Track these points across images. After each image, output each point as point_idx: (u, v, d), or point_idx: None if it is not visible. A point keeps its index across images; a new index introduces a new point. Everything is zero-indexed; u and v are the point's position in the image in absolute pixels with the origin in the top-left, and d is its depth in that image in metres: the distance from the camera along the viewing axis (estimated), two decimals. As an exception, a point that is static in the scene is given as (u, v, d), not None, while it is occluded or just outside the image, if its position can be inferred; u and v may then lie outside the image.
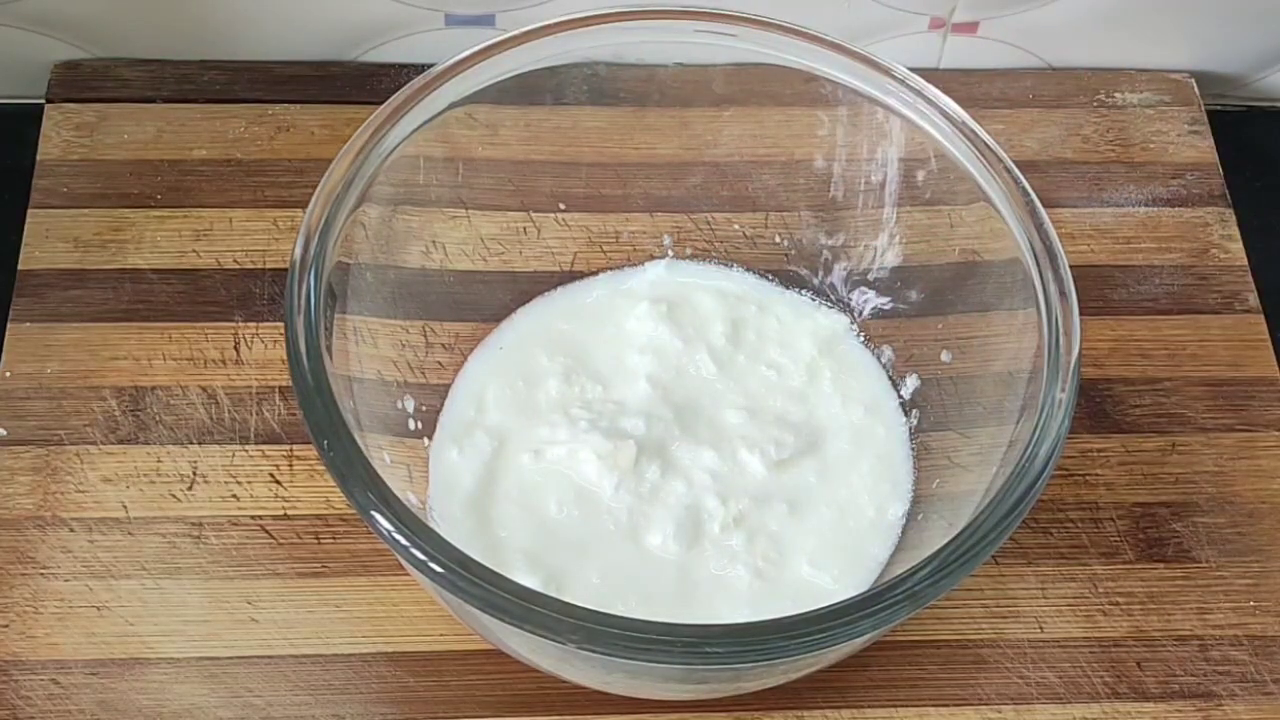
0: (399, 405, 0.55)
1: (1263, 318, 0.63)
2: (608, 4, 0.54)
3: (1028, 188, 0.51)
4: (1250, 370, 0.61)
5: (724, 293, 0.60)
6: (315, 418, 0.46)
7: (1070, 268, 0.50)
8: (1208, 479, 0.59)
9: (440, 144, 0.54)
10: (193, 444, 0.57)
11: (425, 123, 0.52)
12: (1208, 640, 0.55)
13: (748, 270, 0.61)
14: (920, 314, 0.57)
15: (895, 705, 0.53)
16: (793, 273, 0.60)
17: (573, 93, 0.56)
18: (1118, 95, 0.69)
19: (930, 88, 0.53)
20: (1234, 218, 0.65)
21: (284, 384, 0.58)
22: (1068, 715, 0.53)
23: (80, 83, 0.66)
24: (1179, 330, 0.62)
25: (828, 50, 0.54)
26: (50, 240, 0.61)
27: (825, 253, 0.59)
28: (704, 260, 0.61)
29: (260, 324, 0.60)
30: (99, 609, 0.53)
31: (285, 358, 0.47)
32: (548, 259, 0.60)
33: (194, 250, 0.62)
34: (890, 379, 0.58)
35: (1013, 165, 0.52)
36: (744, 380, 0.57)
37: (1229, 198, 0.66)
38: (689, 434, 0.55)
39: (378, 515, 0.44)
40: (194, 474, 0.56)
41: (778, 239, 0.60)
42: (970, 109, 0.53)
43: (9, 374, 0.58)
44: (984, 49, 0.69)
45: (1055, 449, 0.47)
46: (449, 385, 0.57)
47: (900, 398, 0.58)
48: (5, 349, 0.59)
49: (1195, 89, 0.69)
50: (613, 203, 0.60)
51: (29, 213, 0.62)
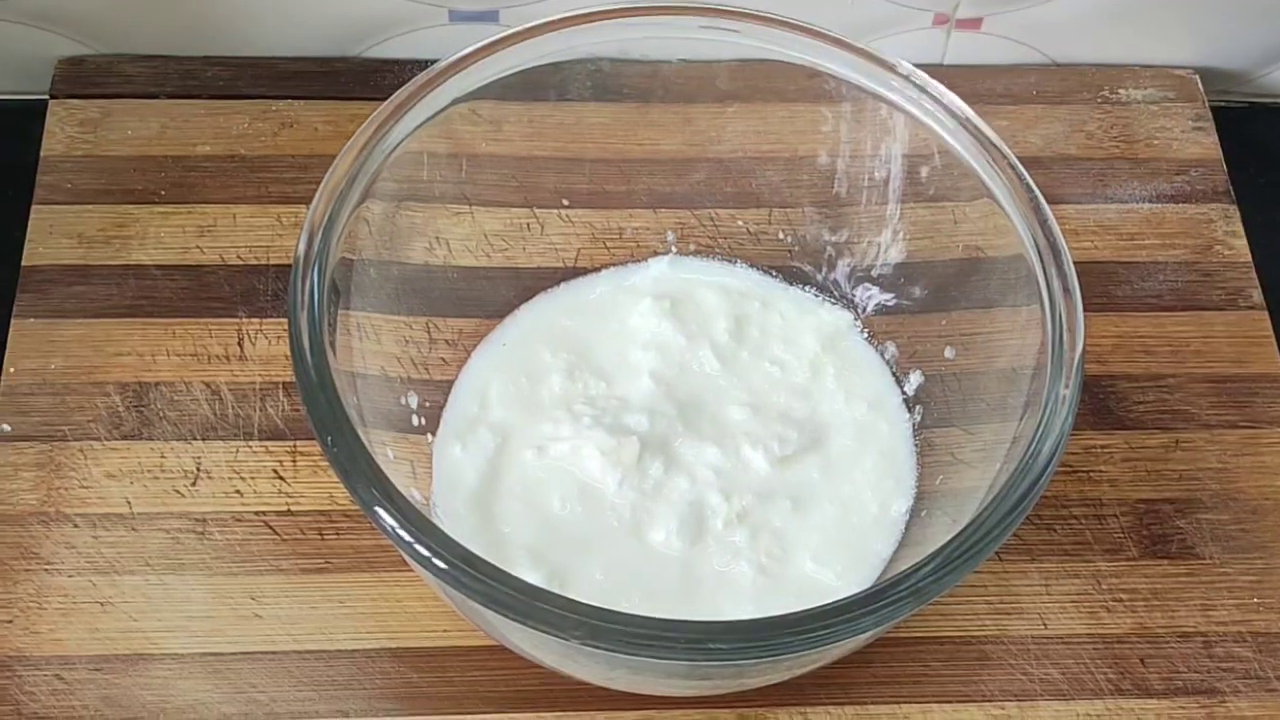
0: (402, 401, 0.55)
1: (1266, 314, 0.63)
2: (611, 0, 0.54)
3: (1031, 184, 0.51)
4: (1254, 367, 0.61)
5: (727, 289, 0.59)
6: (319, 413, 0.46)
7: (1074, 264, 0.50)
8: (1211, 475, 0.58)
9: (444, 140, 0.54)
10: (196, 440, 0.57)
11: (429, 119, 0.52)
12: (1211, 637, 0.55)
13: (751, 266, 0.61)
14: (924, 310, 0.57)
15: (899, 701, 0.53)
16: (796, 269, 0.60)
17: (576, 89, 0.56)
18: (1122, 91, 0.69)
19: (934, 84, 0.53)
20: (1238, 214, 0.65)
21: (288, 380, 0.58)
22: (1071, 712, 0.53)
23: (84, 79, 0.66)
24: (1183, 327, 0.62)
25: (832, 46, 0.54)
26: (54, 236, 0.61)
27: (829, 249, 0.59)
28: (708, 256, 0.61)
29: (264, 320, 0.60)
30: (103, 604, 0.53)
31: (289, 353, 0.47)
32: (551, 255, 0.60)
33: (198, 246, 0.62)
34: (894, 375, 0.58)
35: (1017, 161, 0.52)
36: (747, 376, 0.57)
37: (1233, 194, 0.66)
38: (692, 430, 0.55)
39: (381, 511, 0.44)
40: (198, 470, 0.56)
41: (781, 235, 0.60)
42: (974, 105, 0.53)
43: (13, 370, 0.58)
44: (988, 45, 0.69)
45: (1059, 445, 0.46)
46: (452, 381, 0.57)
47: (904, 394, 0.58)
48: (9, 345, 0.59)
49: (1199, 85, 0.69)
50: (616, 199, 0.60)
51: (33, 208, 0.62)
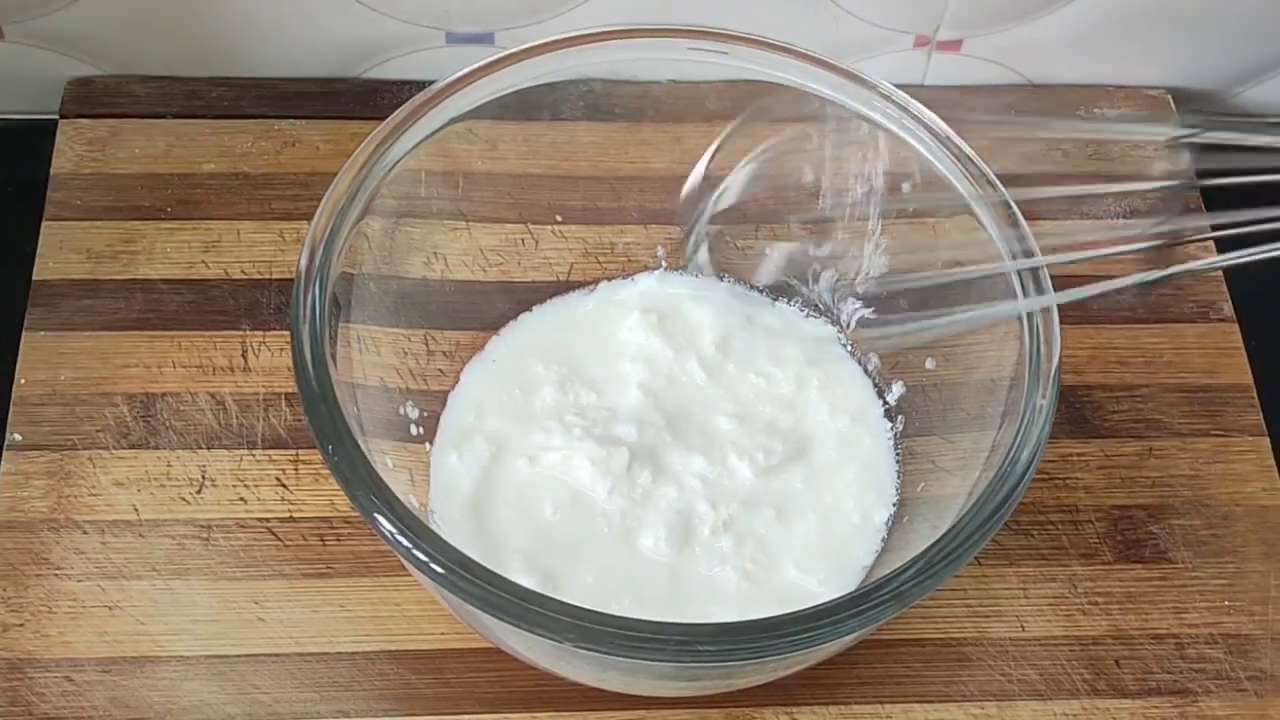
0: (401, 411, 0.55)
1: (1236, 326, 0.63)
2: (603, 23, 0.54)
3: (1009, 200, 0.52)
4: (1224, 377, 0.62)
5: (714, 303, 0.59)
6: (320, 423, 0.46)
7: (1050, 278, 0.50)
8: (1183, 482, 0.59)
9: (441, 158, 0.54)
10: (202, 449, 0.58)
11: (427, 138, 0.53)
12: (1184, 639, 0.56)
13: (738, 281, 0.61)
14: (905, 323, 0.57)
15: (881, 701, 0.54)
16: (782, 284, 0.60)
17: (569, 108, 0.56)
18: (1097, 111, 0.69)
19: (915, 103, 0.53)
20: (1209, 229, 0.66)
21: (290, 390, 0.59)
22: (1049, 711, 0.54)
23: (93, 99, 0.66)
24: (1156, 339, 0.63)
25: (816, 67, 0.54)
26: (64, 251, 0.62)
27: (813, 264, 0.59)
28: (697, 272, 0.61)
29: (267, 332, 0.60)
30: (111, 609, 0.54)
31: (291, 365, 0.47)
32: (545, 270, 0.60)
33: (203, 261, 0.62)
34: (876, 386, 0.58)
35: (995, 179, 0.52)
36: (733, 388, 0.57)
37: (1205, 210, 0.66)
38: (680, 440, 0.56)
39: (381, 518, 0.45)
40: (203, 478, 0.57)
41: (768, 251, 0.60)
42: (953, 124, 0.53)
43: (24, 381, 0.59)
44: (967, 66, 0.69)
45: (1036, 453, 0.47)
46: (449, 392, 0.58)
47: (886, 404, 0.58)
48: (20, 357, 0.59)
49: (1172, 104, 0.70)
50: (608, 215, 0.60)
51: (43, 224, 0.62)
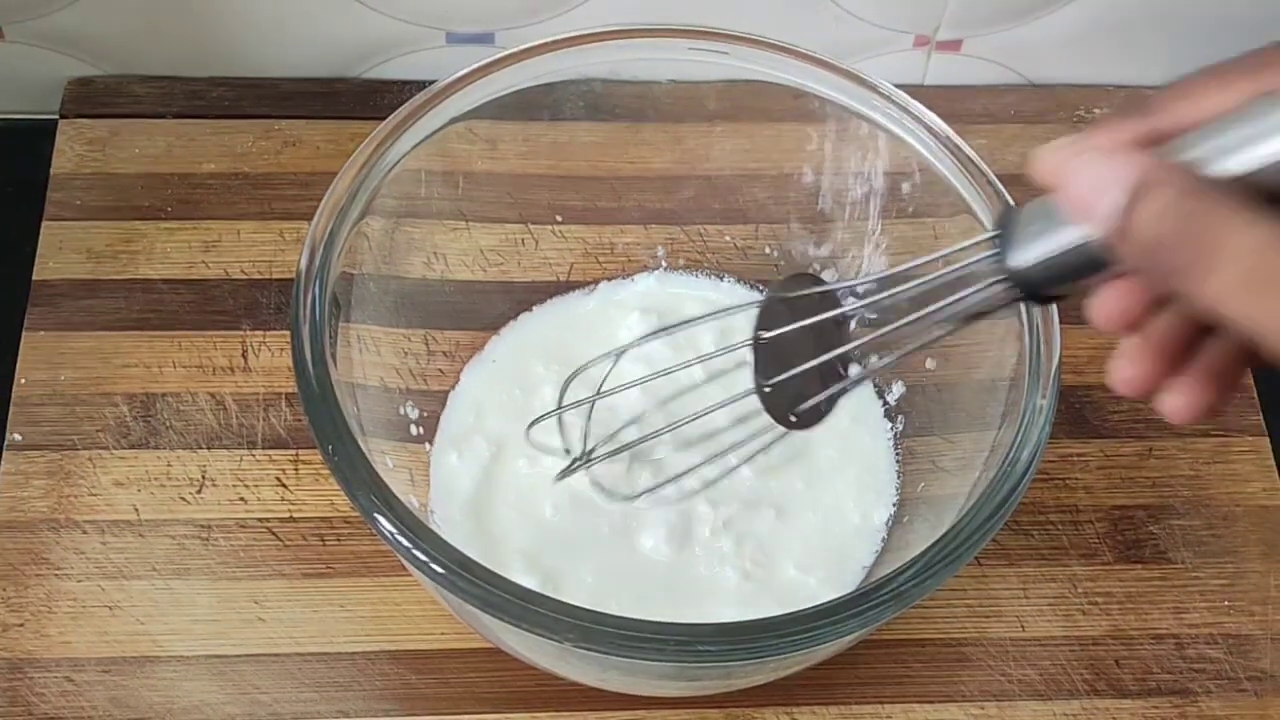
0: (401, 411, 0.55)
1: None
2: (603, 23, 0.54)
3: (1010, 200, 0.51)
4: None
5: (713, 303, 0.59)
6: (320, 423, 0.46)
7: None
8: (1183, 483, 0.59)
9: (441, 158, 0.55)
10: (202, 449, 0.58)
11: (427, 138, 0.53)
12: (1184, 639, 0.56)
13: (738, 281, 0.61)
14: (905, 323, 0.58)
15: (881, 702, 0.54)
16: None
17: (569, 108, 0.56)
18: (1096, 111, 0.69)
19: (915, 103, 0.53)
20: None
21: (290, 391, 0.59)
22: (1049, 711, 0.54)
23: (93, 99, 0.66)
24: None
25: (816, 67, 0.54)
26: (64, 251, 0.62)
27: (814, 264, 0.59)
28: (696, 271, 0.61)
29: (267, 332, 0.60)
30: (111, 608, 0.54)
31: (291, 365, 0.47)
32: (545, 269, 0.60)
33: (203, 261, 0.62)
34: (876, 386, 0.59)
35: (995, 179, 0.52)
36: (733, 388, 0.55)
37: None
38: (680, 440, 0.55)
39: (381, 518, 0.45)
40: (203, 478, 0.57)
41: (768, 250, 0.61)
42: (954, 124, 0.53)
43: (24, 381, 0.59)
44: (967, 66, 0.69)
45: (1036, 454, 0.47)
46: (449, 392, 0.58)
47: (886, 404, 0.58)
48: (20, 357, 0.59)
49: None
50: (608, 215, 0.60)
51: (43, 224, 0.63)
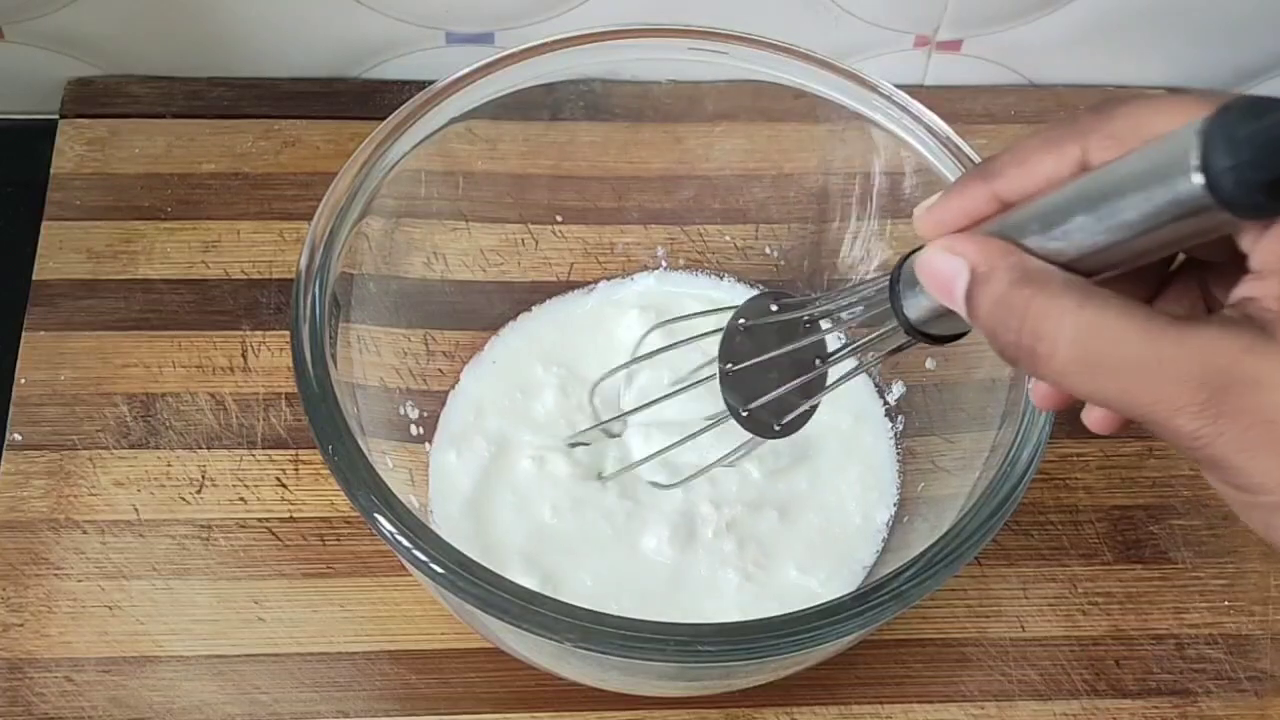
0: (401, 411, 0.55)
1: None
2: (603, 23, 0.54)
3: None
4: None
5: (713, 301, 0.59)
6: (320, 423, 0.46)
7: None
8: (1183, 483, 0.59)
9: (441, 158, 0.55)
10: (202, 449, 0.58)
11: (426, 138, 0.53)
12: (1184, 639, 0.56)
13: (738, 281, 0.61)
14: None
15: (881, 702, 0.54)
16: (782, 283, 0.60)
17: (569, 109, 0.57)
18: None
19: (915, 103, 0.54)
20: None
21: (290, 390, 0.59)
22: (1049, 712, 0.54)
23: (93, 99, 0.67)
24: None
25: (816, 67, 0.54)
26: (64, 251, 0.62)
27: (812, 263, 0.59)
28: (696, 271, 0.61)
29: (267, 332, 0.61)
30: (111, 608, 0.54)
31: (291, 365, 0.47)
32: (545, 269, 0.60)
33: (203, 261, 0.62)
34: (877, 386, 0.59)
35: None
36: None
37: None
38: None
39: (380, 518, 0.45)
40: (203, 478, 0.57)
41: (768, 250, 0.61)
42: (954, 124, 0.53)
43: (24, 381, 0.59)
44: (967, 66, 0.69)
45: (1036, 454, 0.47)
46: (448, 391, 0.58)
47: (886, 404, 0.58)
48: (20, 357, 0.59)
49: None
50: (608, 215, 0.60)
51: (43, 225, 0.63)
